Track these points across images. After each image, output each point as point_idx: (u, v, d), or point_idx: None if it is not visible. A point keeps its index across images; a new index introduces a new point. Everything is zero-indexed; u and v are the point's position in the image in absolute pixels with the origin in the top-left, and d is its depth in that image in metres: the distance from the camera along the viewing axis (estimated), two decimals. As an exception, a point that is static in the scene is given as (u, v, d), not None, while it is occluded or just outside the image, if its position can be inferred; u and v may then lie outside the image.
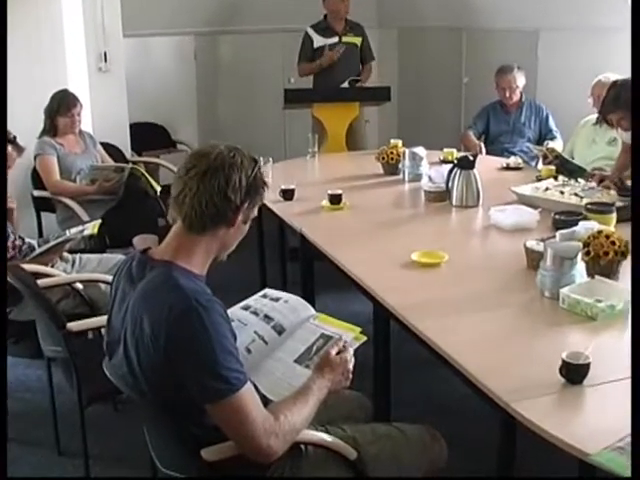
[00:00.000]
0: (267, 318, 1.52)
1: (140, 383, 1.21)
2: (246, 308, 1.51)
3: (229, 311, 1.46)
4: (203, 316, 1.11)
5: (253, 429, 1.12)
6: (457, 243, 2.17)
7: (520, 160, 3.26)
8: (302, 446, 1.31)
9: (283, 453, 1.18)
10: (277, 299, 1.59)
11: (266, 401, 1.25)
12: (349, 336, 1.45)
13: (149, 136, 4.35)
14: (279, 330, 1.49)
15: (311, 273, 2.55)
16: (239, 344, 1.24)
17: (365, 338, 1.42)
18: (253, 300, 1.58)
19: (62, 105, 3.11)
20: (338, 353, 1.36)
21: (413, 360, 2.64)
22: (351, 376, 1.36)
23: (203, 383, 1.12)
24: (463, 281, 1.80)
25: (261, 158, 3.23)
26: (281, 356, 1.43)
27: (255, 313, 1.53)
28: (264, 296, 1.60)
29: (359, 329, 1.49)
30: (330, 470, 1.34)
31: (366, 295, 1.83)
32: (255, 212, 1.29)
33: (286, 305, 1.56)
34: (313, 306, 2.77)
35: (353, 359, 1.38)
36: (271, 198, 2.79)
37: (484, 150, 3.60)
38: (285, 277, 3.38)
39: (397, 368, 2.39)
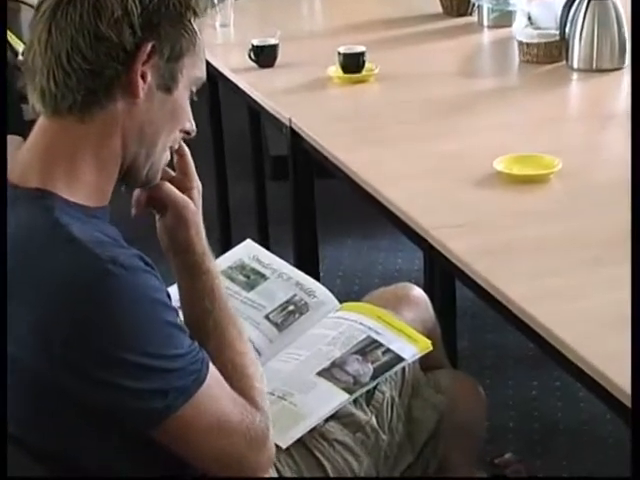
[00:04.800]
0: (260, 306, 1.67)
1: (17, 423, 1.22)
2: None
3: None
4: (123, 283, 1.14)
5: (235, 428, 1.23)
6: (580, 140, 2.14)
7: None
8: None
9: None
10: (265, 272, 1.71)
11: None
12: (410, 348, 1.56)
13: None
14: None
15: (310, 201, 2.53)
16: None
17: (431, 348, 1.57)
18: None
19: None
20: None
21: (499, 350, 2.75)
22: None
23: (145, 389, 1.16)
24: (590, 210, 1.77)
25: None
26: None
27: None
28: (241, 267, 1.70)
29: (426, 339, 1.59)
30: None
31: (412, 238, 1.80)
32: (195, 69, 1.27)
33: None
34: (315, 260, 2.74)
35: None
36: (233, 63, 2.74)
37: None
38: (263, 210, 3.38)
39: (471, 362, 2.39)
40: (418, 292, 1.86)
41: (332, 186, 2.35)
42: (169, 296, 1.22)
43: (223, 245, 3.13)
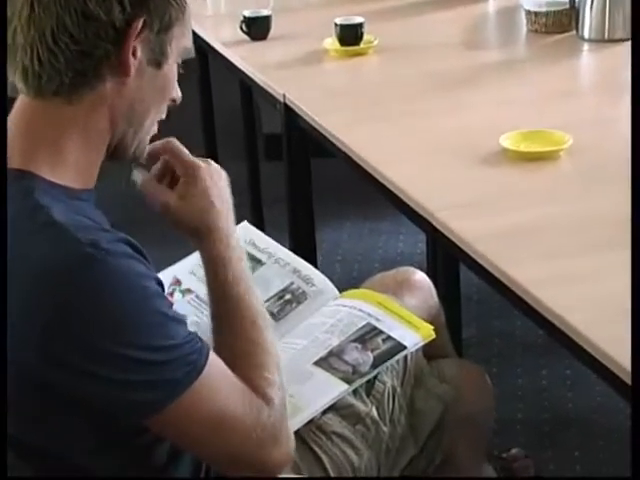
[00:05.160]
0: None
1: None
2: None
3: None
4: (105, 269, 1.14)
5: (238, 422, 1.23)
6: (591, 114, 2.14)
7: None
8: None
9: None
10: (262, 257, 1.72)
11: None
12: (412, 336, 1.56)
13: None
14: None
15: (306, 182, 2.54)
16: None
17: (434, 336, 1.58)
18: None
19: None
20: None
21: (506, 338, 2.76)
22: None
23: (134, 382, 1.17)
24: (603, 188, 1.77)
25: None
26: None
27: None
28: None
29: (429, 326, 1.58)
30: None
31: (415, 220, 1.81)
32: (184, 38, 1.27)
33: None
34: (313, 244, 2.75)
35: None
36: (224, 36, 2.75)
37: None
38: (257, 192, 3.39)
39: (477, 350, 2.40)
40: (421, 276, 1.87)
41: (329, 166, 2.36)
42: (161, 284, 1.22)
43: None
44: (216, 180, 1.37)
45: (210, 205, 1.34)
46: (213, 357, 1.22)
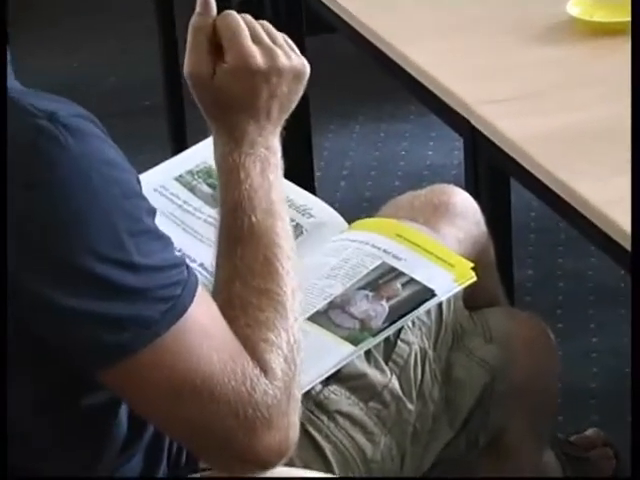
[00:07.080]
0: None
1: None
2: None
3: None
4: (63, 148, 1.15)
5: (219, 393, 1.22)
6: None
7: None
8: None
9: None
10: None
11: None
12: (444, 277, 1.56)
13: None
14: None
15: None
16: None
17: (474, 278, 1.57)
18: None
19: None
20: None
21: (575, 281, 2.81)
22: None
23: (89, 311, 1.17)
24: None
25: None
26: None
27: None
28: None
29: (468, 263, 1.59)
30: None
31: (448, 119, 1.84)
32: None
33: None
34: (309, 154, 2.77)
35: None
36: None
37: None
38: None
39: (537, 298, 2.41)
40: (463, 198, 1.87)
41: (330, 45, 2.35)
42: (139, 182, 1.22)
43: (175, 134, 3.13)
44: (274, 82, 1.37)
45: (244, 105, 1.36)
46: (204, 297, 1.23)
